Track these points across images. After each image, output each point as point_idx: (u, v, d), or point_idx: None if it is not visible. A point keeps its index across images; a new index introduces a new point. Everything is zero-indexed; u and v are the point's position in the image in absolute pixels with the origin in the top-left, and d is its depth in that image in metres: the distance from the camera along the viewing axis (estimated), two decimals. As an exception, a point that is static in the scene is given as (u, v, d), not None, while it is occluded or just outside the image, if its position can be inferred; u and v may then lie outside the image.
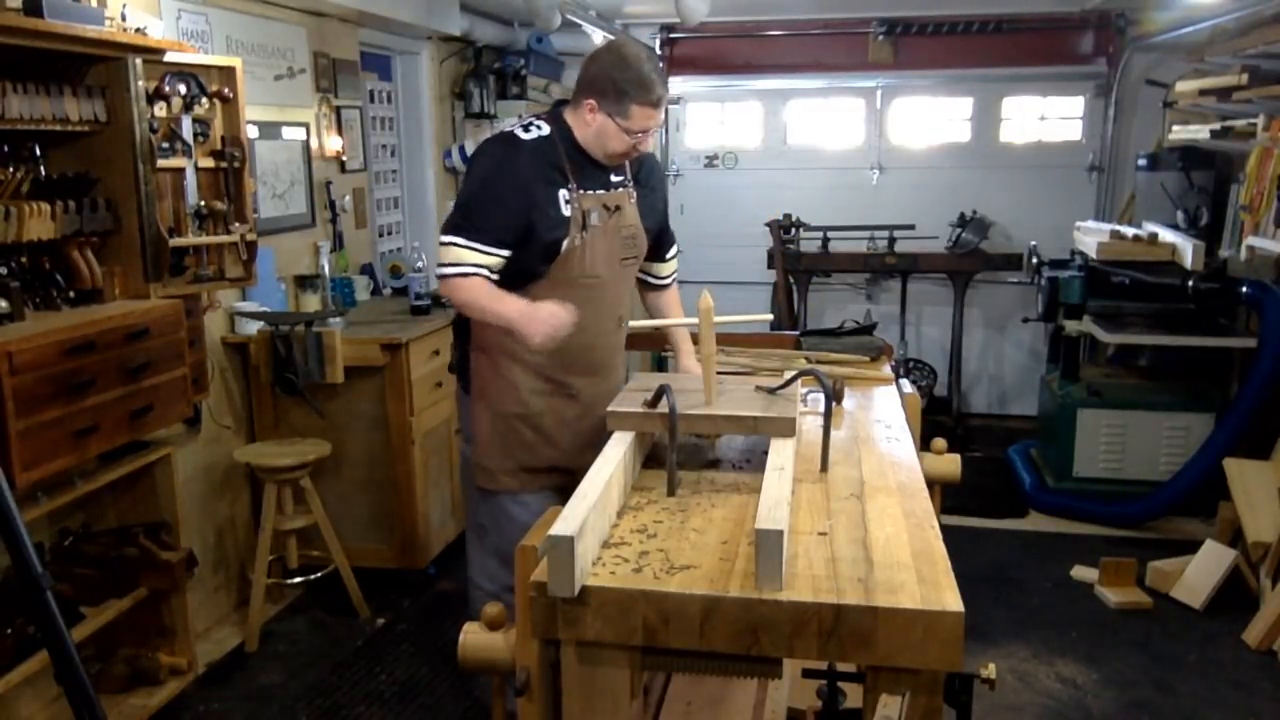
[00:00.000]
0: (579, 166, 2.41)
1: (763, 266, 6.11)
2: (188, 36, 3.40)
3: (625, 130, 2.34)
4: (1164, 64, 5.72)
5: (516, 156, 2.37)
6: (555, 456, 2.54)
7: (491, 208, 2.37)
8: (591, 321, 2.45)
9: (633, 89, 2.30)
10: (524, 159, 2.36)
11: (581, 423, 2.52)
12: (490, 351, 2.51)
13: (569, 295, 2.38)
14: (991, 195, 6.06)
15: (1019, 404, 6.38)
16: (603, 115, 2.34)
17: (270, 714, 3.12)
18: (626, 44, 2.45)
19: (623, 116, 2.33)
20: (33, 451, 2.38)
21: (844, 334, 2.92)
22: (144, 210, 2.90)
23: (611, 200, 2.47)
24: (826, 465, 1.93)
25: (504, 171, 2.37)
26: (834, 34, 6.20)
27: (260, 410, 3.82)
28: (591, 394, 2.51)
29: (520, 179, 2.35)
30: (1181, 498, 4.42)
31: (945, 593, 1.38)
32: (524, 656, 1.53)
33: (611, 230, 2.47)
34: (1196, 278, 4.35)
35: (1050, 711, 3.12)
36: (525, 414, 2.50)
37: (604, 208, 2.45)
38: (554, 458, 2.54)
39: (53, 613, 1.77)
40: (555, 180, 2.38)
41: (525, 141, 2.38)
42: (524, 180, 2.35)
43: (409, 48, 5.18)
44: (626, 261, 2.54)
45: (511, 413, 2.50)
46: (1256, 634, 3.48)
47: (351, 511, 3.86)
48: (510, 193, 2.35)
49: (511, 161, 2.37)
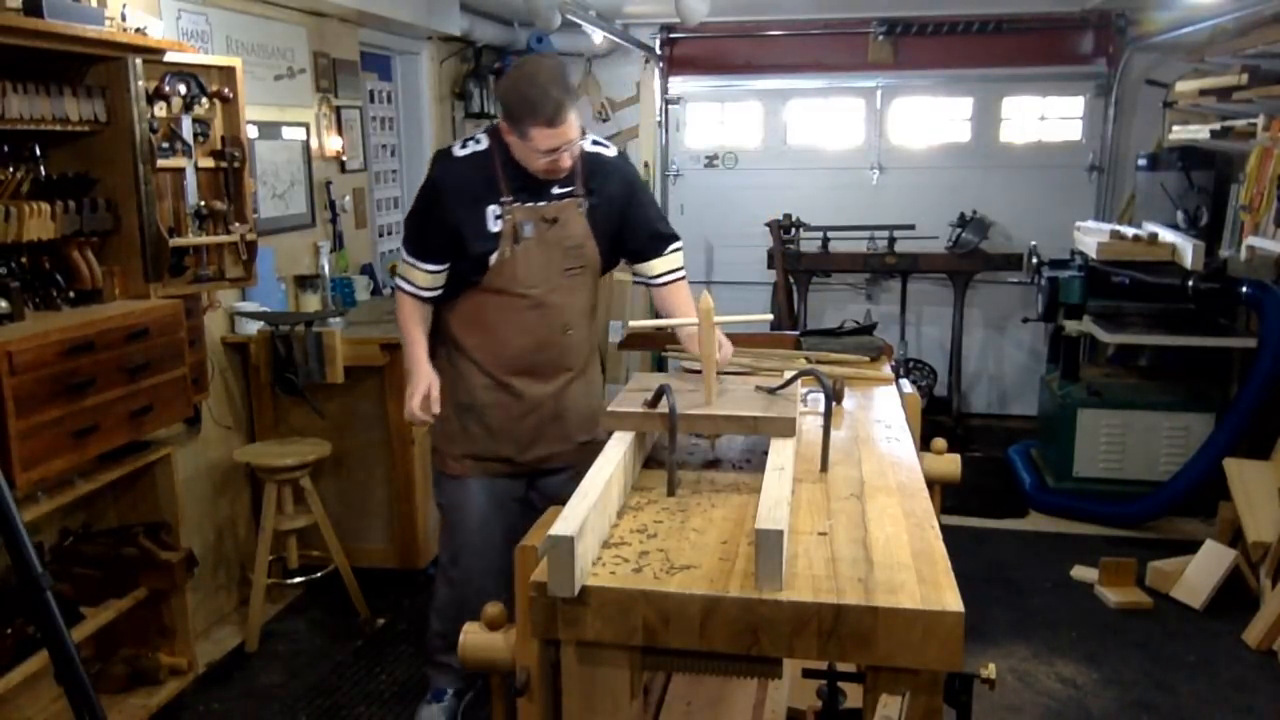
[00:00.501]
0: (515, 180, 2.46)
1: (763, 266, 6.10)
2: (188, 36, 3.40)
3: (533, 150, 2.37)
4: (1164, 64, 5.72)
5: (445, 174, 2.50)
6: (499, 448, 2.67)
7: (423, 224, 2.53)
8: (531, 329, 2.56)
9: (525, 111, 2.33)
10: (452, 176, 2.49)
11: (526, 419, 2.64)
12: (449, 345, 2.66)
13: (503, 303, 2.52)
14: (991, 195, 6.06)
15: (1019, 404, 6.38)
16: (514, 137, 2.40)
17: (270, 714, 3.12)
18: (525, 63, 2.45)
19: (524, 137, 2.36)
20: (33, 451, 2.38)
21: (844, 334, 2.92)
22: (144, 210, 2.90)
23: (550, 212, 2.50)
24: (826, 465, 1.92)
25: (433, 189, 2.51)
26: (834, 34, 6.20)
27: (260, 410, 3.82)
28: (537, 394, 2.63)
29: (447, 196, 2.48)
30: (1181, 498, 4.42)
31: (945, 593, 1.38)
32: (524, 656, 1.53)
33: (550, 242, 2.51)
34: (1196, 278, 4.35)
35: (1050, 711, 3.12)
36: (472, 405, 2.63)
37: (541, 220, 2.49)
38: (498, 449, 2.67)
39: (53, 613, 1.77)
40: (485, 195, 2.46)
41: (457, 158, 2.50)
42: (448, 199, 2.47)
43: (409, 48, 5.18)
44: (571, 272, 2.56)
45: (461, 403, 2.64)
46: (1256, 634, 3.48)
47: (351, 511, 3.86)
48: (437, 209, 2.49)
49: (440, 179, 2.51)
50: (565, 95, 2.34)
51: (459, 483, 2.72)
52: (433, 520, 3.97)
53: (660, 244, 2.68)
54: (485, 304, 2.55)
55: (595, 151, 2.58)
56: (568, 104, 2.34)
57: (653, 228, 2.68)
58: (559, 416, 2.67)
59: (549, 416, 2.66)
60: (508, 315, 2.54)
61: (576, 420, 2.70)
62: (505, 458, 2.68)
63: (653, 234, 2.67)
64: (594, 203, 2.55)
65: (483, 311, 2.57)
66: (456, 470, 2.70)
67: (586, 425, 2.73)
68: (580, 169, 2.52)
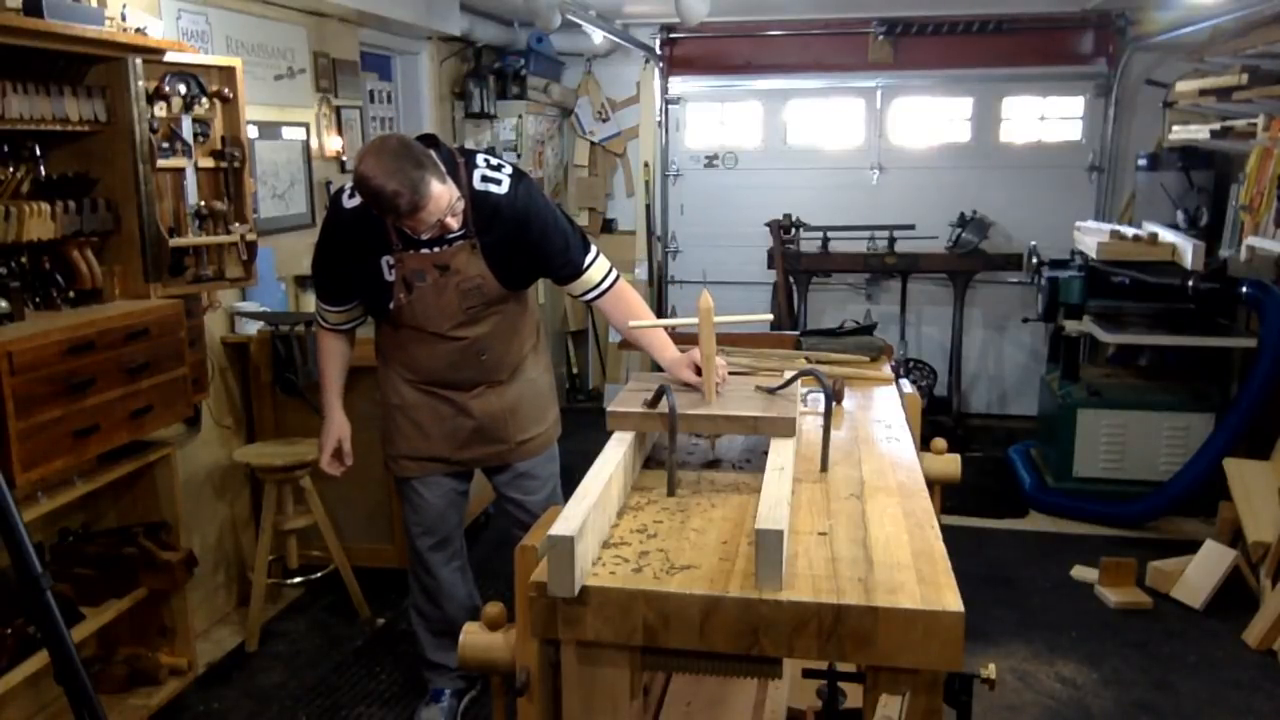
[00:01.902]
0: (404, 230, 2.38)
1: (763, 266, 6.10)
2: (188, 36, 3.40)
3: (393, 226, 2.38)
4: (1164, 64, 5.72)
5: (337, 227, 2.51)
6: (433, 448, 2.70)
7: (319, 272, 2.61)
8: (444, 355, 2.59)
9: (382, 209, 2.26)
10: (341, 230, 2.49)
11: (458, 419, 2.67)
12: (381, 355, 2.73)
13: (415, 336, 2.57)
14: (991, 195, 6.06)
15: (1019, 404, 6.38)
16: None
17: (270, 714, 3.12)
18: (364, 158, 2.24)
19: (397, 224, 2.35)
20: (33, 451, 2.38)
21: (844, 334, 2.92)
22: (144, 210, 2.90)
23: (443, 258, 2.45)
24: (826, 465, 1.92)
25: (326, 241, 2.56)
26: (834, 34, 6.20)
27: (260, 410, 3.82)
28: (462, 398, 2.66)
29: (338, 248, 2.52)
30: (1181, 498, 4.42)
31: (945, 593, 1.38)
32: (524, 656, 1.53)
33: (446, 286, 2.47)
34: (1196, 278, 4.35)
35: (1050, 711, 3.11)
36: (402, 405, 2.68)
37: (434, 266, 2.46)
38: (432, 449, 2.70)
39: (53, 613, 1.77)
40: (375, 247, 2.45)
41: (346, 210, 2.46)
42: (342, 249, 2.51)
43: (409, 48, 5.18)
44: (473, 309, 2.52)
45: (392, 403, 2.69)
46: (1256, 634, 3.48)
47: (351, 511, 3.86)
48: (329, 261, 2.56)
49: (333, 230, 2.53)
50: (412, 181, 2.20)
51: (406, 484, 2.77)
52: (433, 520, 3.98)
53: (573, 266, 2.55)
54: (398, 334, 2.60)
55: (484, 190, 2.44)
56: (421, 187, 2.21)
57: (559, 256, 2.53)
58: (494, 419, 2.68)
59: (482, 420, 2.67)
60: (420, 344, 2.59)
61: (514, 421, 2.70)
62: (441, 457, 2.71)
63: (562, 261, 2.54)
64: (486, 241, 2.46)
65: (398, 339, 2.62)
66: (399, 471, 2.75)
67: (525, 424, 2.73)
68: (469, 211, 2.42)
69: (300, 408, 3.71)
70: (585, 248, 2.57)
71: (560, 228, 2.52)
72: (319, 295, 2.65)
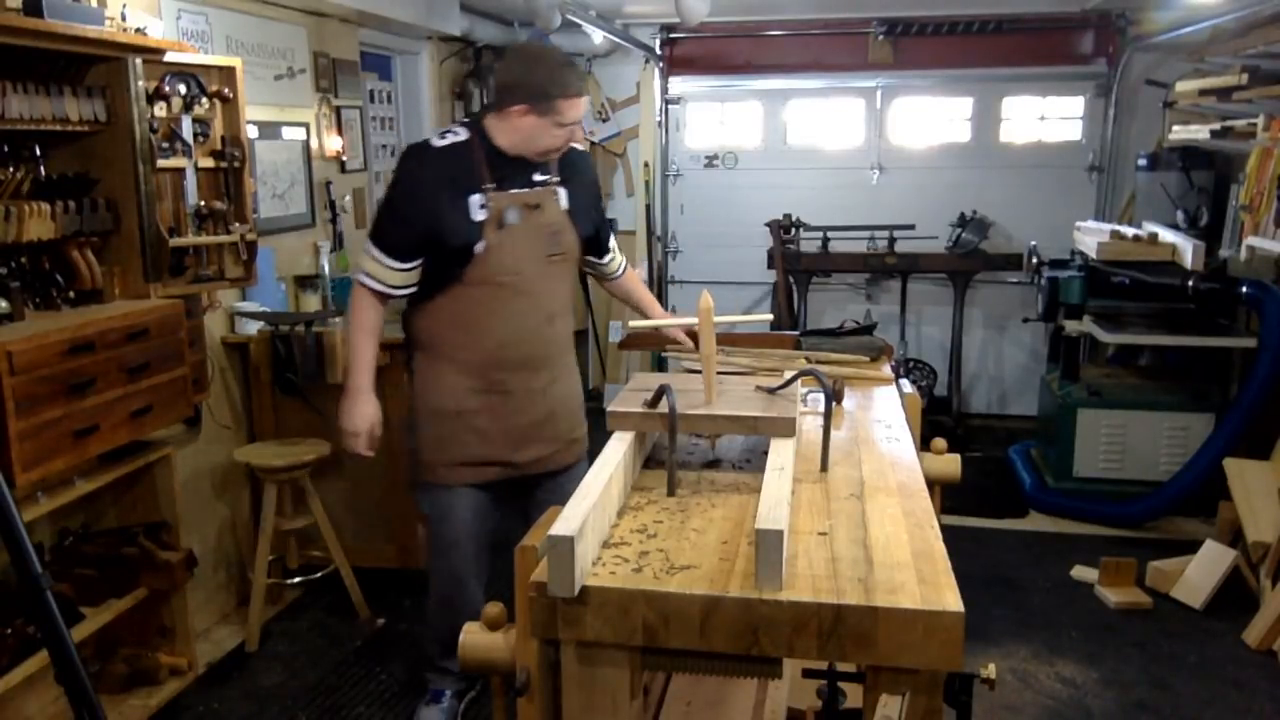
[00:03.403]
0: (496, 168, 2.49)
1: (763, 266, 6.11)
2: (188, 36, 3.40)
3: (557, 124, 2.45)
4: (1164, 64, 5.72)
5: (423, 167, 2.49)
6: (491, 452, 2.64)
7: (397, 221, 2.51)
8: (517, 318, 2.56)
9: (558, 86, 2.42)
10: (430, 169, 2.48)
11: (518, 418, 2.63)
12: (427, 349, 2.62)
13: (489, 293, 2.52)
14: (991, 195, 6.06)
15: (1019, 404, 6.38)
16: (534, 116, 2.44)
17: (270, 714, 3.12)
18: (526, 47, 2.57)
19: (550, 113, 2.43)
20: (33, 451, 2.38)
21: (844, 334, 2.92)
22: (144, 210, 2.90)
23: (533, 198, 2.54)
24: (826, 465, 1.92)
25: (409, 184, 2.49)
26: (834, 34, 6.20)
27: (260, 410, 3.82)
28: (525, 390, 2.62)
29: (425, 189, 2.46)
30: (1181, 498, 4.42)
31: (945, 593, 1.38)
32: (524, 656, 1.53)
33: (533, 228, 2.54)
34: (1196, 278, 4.35)
35: (1050, 711, 3.11)
36: (460, 412, 2.59)
37: (524, 206, 2.52)
38: (490, 453, 2.64)
39: (53, 613, 1.77)
40: (467, 185, 2.47)
41: (435, 149, 2.49)
42: (429, 191, 2.46)
43: (409, 48, 5.18)
44: (554, 258, 2.59)
45: (449, 410, 2.59)
46: (1256, 634, 3.48)
47: (351, 511, 3.86)
48: (413, 206, 2.48)
49: (417, 173, 2.49)
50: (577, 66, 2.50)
51: (449, 491, 2.68)
52: (433, 520, 3.98)
53: (608, 238, 2.84)
54: (467, 298, 2.53)
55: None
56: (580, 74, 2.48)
57: (607, 226, 2.82)
58: (550, 414, 2.67)
59: (540, 415, 2.65)
60: (491, 307, 2.53)
61: (565, 416, 2.71)
62: (501, 461, 2.65)
63: (607, 232, 2.82)
64: (570, 191, 2.62)
65: (465, 307, 2.54)
66: (448, 479, 2.66)
67: (574, 420, 2.74)
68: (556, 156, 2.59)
69: (300, 408, 3.71)
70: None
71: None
72: (384, 250, 2.51)
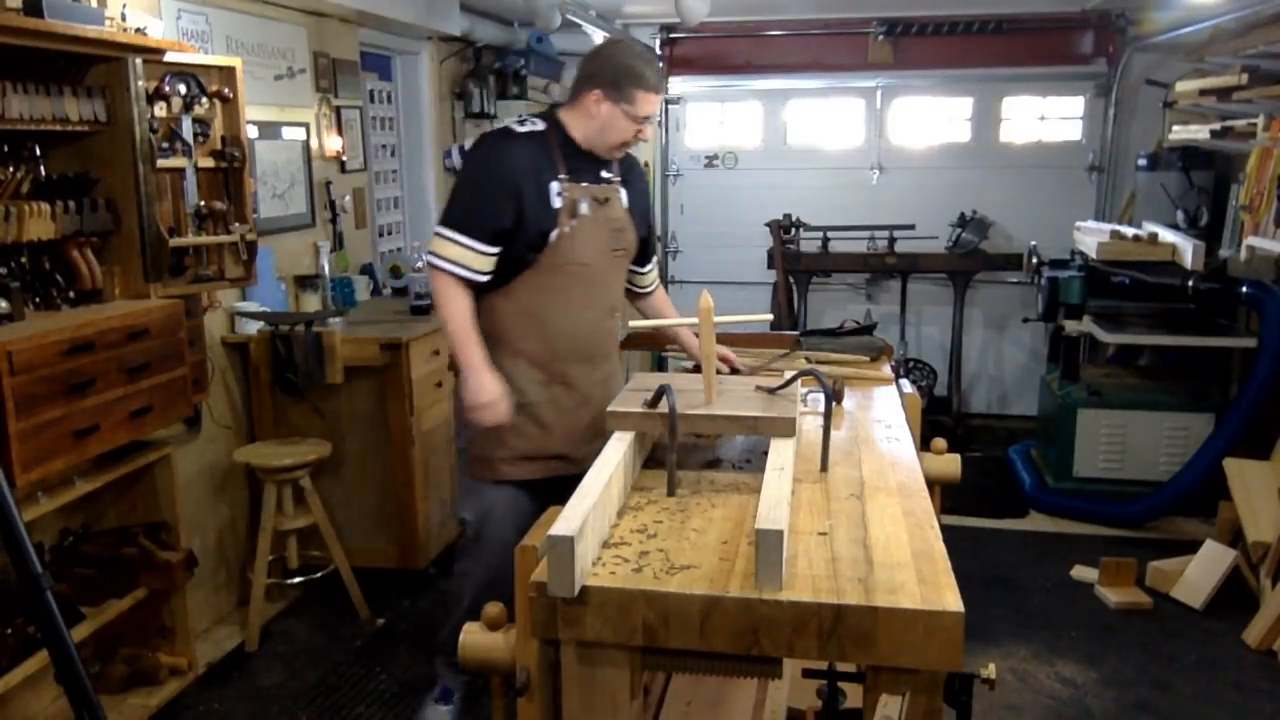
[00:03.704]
0: (571, 160, 2.55)
1: (763, 266, 6.11)
2: (188, 36, 3.40)
3: (630, 117, 2.50)
4: (1164, 64, 5.72)
5: (509, 150, 2.51)
6: (553, 445, 2.63)
7: (483, 203, 2.49)
8: (583, 309, 2.59)
9: (635, 77, 2.48)
10: (516, 152, 2.50)
11: (579, 411, 2.63)
12: (491, 341, 2.57)
13: (559, 282, 2.54)
14: (991, 195, 6.06)
15: (1019, 404, 6.38)
16: (609, 104, 2.49)
17: (270, 714, 3.12)
18: (622, 39, 2.66)
19: (628, 103, 2.48)
20: (33, 451, 2.38)
21: (844, 334, 2.92)
22: (144, 210, 2.90)
23: (601, 193, 2.60)
24: (826, 465, 1.92)
25: (496, 166, 2.50)
26: (834, 34, 6.20)
27: (260, 410, 3.82)
28: (587, 382, 2.63)
29: (512, 173, 2.48)
30: (1181, 498, 4.42)
31: (945, 593, 1.38)
32: (524, 656, 1.53)
33: (601, 221, 2.58)
34: (1196, 278, 4.35)
35: (1050, 711, 3.11)
36: (524, 403, 2.57)
37: (593, 199, 2.57)
38: (552, 446, 2.63)
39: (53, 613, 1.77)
40: (547, 172, 2.51)
41: (519, 134, 2.54)
42: (515, 173, 2.48)
43: (409, 48, 5.18)
44: (617, 253, 2.65)
45: (512, 402, 2.55)
46: (1256, 634, 3.48)
47: (351, 511, 3.86)
48: (501, 187, 2.48)
49: (504, 156, 2.51)
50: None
51: (504, 489, 2.62)
52: (433, 520, 3.97)
53: (652, 252, 2.87)
54: (538, 285, 2.54)
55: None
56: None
57: (652, 235, 2.86)
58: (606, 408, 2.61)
59: (598, 408, 2.54)
60: (561, 295, 2.55)
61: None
62: (561, 455, 2.61)
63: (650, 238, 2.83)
64: (629, 192, 2.69)
65: (534, 295, 2.54)
66: (508, 474, 2.61)
67: None
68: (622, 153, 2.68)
69: (300, 408, 3.71)
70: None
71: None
72: (468, 233, 2.46)
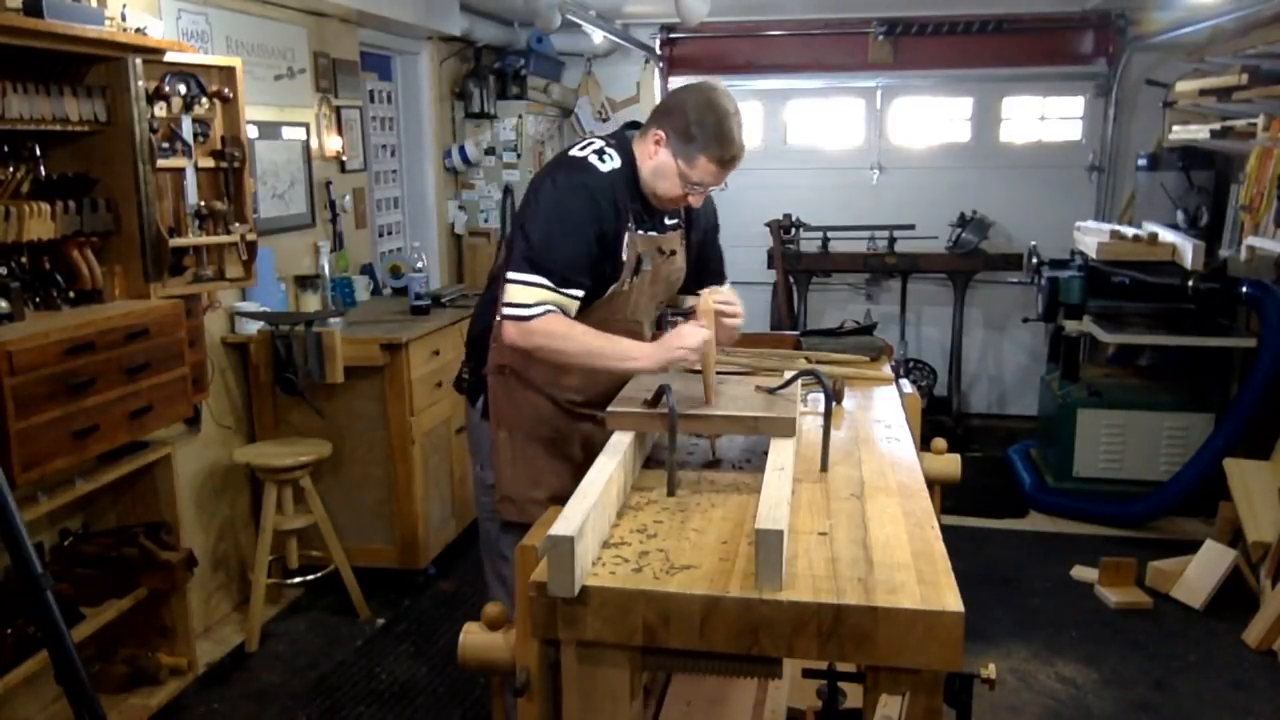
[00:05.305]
0: (638, 205, 2.23)
1: (763, 266, 6.10)
2: (188, 36, 3.40)
3: (684, 178, 2.16)
4: (1164, 64, 5.72)
5: (594, 191, 2.15)
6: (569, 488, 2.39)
7: (570, 246, 2.13)
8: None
9: (708, 140, 2.11)
10: (602, 193, 2.16)
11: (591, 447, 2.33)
12: (510, 377, 2.30)
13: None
14: (991, 195, 6.06)
15: (1019, 404, 6.38)
16: (667, 153, 2.16)
17: (270, 714, 3.12)
18: (719, 91, 2.15)
19: (687, 161, 2.14)
20: (33, 451, 2.38)
21: (844, 334, 2.92)
22: (144, 210, 2.90)
23: (666, 244, 2.31)
24: (826, 465, 1.92)
25: (593, 203, 2.15)
26: (834, 34, 6.20)
27: (260, 410, 3.82)
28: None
29: (597, 215, 2.15)
30: (1181, 498, 4.42)
31: (945, 593, 1.38)
32: (524, 656, 1.53)
33: (661, 276, 2.32)
34: (1196, 278, 4.35)
35: (1050, 711, 3.11)
36: (554, 438, 2.31)
37: (658, 251, 2.29)
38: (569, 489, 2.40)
39: (53, 613, 1.77)
40: (623, 218, 2.19)
41: (603, 174, 2.17)
42: (600, 217, 2.15)
43: (409, 48, 5.18)
44: (660, 305, 2.42)
45: (539, 436, 2.31)
46: (1256, 634, 3.48)
47: (351, 511, 3.86)
48: (587, 230, 2.14)
49: (589, 196, 2.15)
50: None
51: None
52: (433, 520, 3.98)
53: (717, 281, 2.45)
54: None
55: None
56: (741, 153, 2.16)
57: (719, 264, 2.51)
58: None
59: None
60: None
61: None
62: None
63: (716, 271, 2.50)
64: (693, 236, 2.41)
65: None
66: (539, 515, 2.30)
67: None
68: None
69: (300, 408, 3.71)
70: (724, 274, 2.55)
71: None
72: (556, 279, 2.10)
